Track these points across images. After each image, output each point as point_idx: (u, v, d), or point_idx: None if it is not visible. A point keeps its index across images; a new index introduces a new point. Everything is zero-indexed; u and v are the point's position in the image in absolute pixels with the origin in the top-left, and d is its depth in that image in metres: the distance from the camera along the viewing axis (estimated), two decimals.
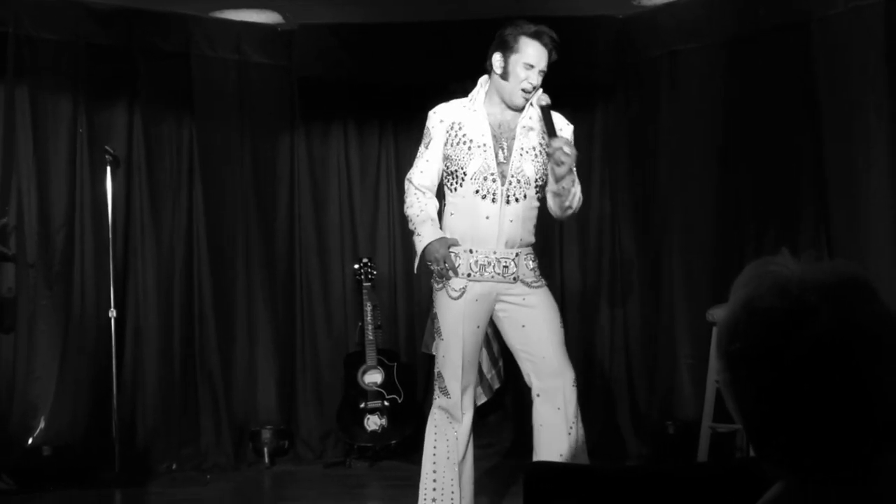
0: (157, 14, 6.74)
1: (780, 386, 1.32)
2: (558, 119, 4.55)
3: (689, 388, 6.59)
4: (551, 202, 4.60)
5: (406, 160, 7.56)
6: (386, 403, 6.92)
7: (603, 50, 7.02)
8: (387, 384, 6.97)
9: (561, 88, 4.67)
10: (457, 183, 4.49)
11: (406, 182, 4.67)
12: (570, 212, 4.62)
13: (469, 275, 4.47)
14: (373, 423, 6.86)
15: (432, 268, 4.47)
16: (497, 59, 4.50)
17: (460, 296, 4.46)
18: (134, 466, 6.43)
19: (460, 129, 4.51)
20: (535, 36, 4.47)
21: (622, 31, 7.01)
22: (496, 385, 6.86)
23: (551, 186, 4.51)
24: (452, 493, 4.50)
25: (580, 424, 4.55)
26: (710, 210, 6.63)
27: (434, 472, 4.52)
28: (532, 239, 4.61)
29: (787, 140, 6.23)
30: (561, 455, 4.44)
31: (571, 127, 4.68)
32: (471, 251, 4.47)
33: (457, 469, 4.51)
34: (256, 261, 7.17)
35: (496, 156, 4.46)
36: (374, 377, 6.96)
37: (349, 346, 7.29)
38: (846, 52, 5.89)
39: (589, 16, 6.90)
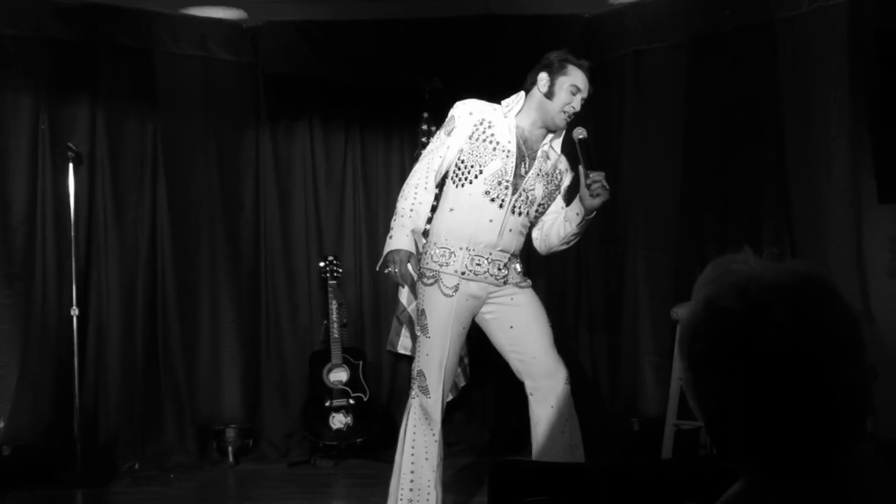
0: (119, 9, 6.67)
1: (741, 386, 1.33)
2: (562, 160, 4.69)
3: (654, 386, 6.63)
4: (555, 230, 4.66)
5: (372, 158, 7.58)
6: (351, 402, 6.90)
7: (569, 48, 7.01)
8: (352, 382, 6.95)
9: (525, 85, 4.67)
10: (467, 179, 4.49)
11: (418, 164, 4.65)
12: (563, 247, 4.74)
13: (463, 273, 4.48)
14: (338, 421, 6.84)
15: (388, 270, 4.50)
16: (543, 78, 4.53)
17: (453, 293, 4.47)
18: (96, 466, 6.37)
19: (489, 127, 4.51)
20: (582, 67, 4.55)
21: (588, 30, 7.01)
22: (462, 383, 6.85)
23: (570, 216, 4.56)
24: (429, 494, 4.48)
25: (575, 422, 4.58)
26: (674, 208, 6.66)
27: (412, 472, 4.49)
28: (519, 249, 4.67)
29: (750, 139, 6.27)
30: (557, 453, 4.48)
31: (571, 174, 4.77)
32: (468, 249, 4.48)
33: (435, 472, 4.50)
34: (221, 259, 7.13)
35: (517, 167, 4.49)
36: (339, 375, 6.94)
37: (314, 344, 7.26)
38: (810, 53, 5.93)
39: (555, 14, 6.91)
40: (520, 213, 4.54)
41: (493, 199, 4.46)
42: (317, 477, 6.60)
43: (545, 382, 4.51)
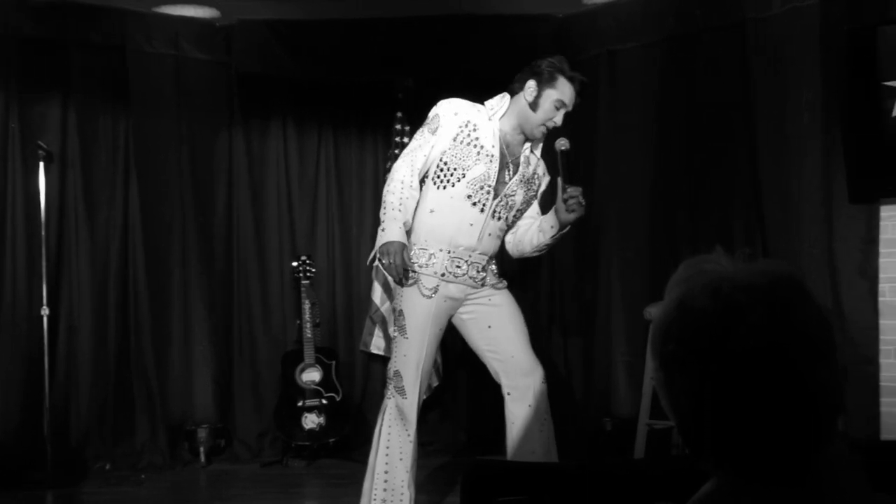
0: (92, 7, 6.64)
1: (713, 386, 1.33)
2: (540, 164, 4.69)
3: (626, 386, 6.64)
4: (528, 238, 4.67)
5: (345, 158, 7.57)
6: (324, 402, 6.88)
7: (542, 48, 7.02)
8: (325, 382, 6.94)
9: (499, 85, 4.66)
10: (449, 182, 4.47)
11: (401, 160, 4.56)
12: (535, 254, 4.77)
13: (443, 275, 4.48)
14: (310, 421, 6.83)
15: (382, 262, 4.43)
16: (531, 86, 4.50)
17: (432, 294, 4.46)
18: (67, 466, 6.32)
19: (474, 130, 4.49)
20: (571, 80, 4.51)
21: (561, 30, 7.02)
22: (435, 383, 6.84)
23: (544, 227, 4.57)
24: (402, 495, 4.47)
25: (551, 421, 4.59)
26: (647, 208, 6.68)
27: (386, 472, 4.47)
28: (495, 254, 4.68)
29: (723, 139, 6.30)
30: (533, 452, 4.48)
31: (548, 178, 4.78)
32: (448, 251, 4.48)
33: (409, 472, 4.49)
34: (193, 258, 7.10)
35: (500, 172, 4.48)
36: (312, 375, 6.93)
37: (287, 344, 7.25)
38: (782, 53, 5.97)
39: (529, 14, 6.92)
40: (499, 218, 4.55)
41: (474, 203, 4.46)
42: (289, 477, 6.59)
43: (522, 381, 4.51)
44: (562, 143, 4.45)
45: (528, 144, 4.60)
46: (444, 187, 4.47)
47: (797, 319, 1.32)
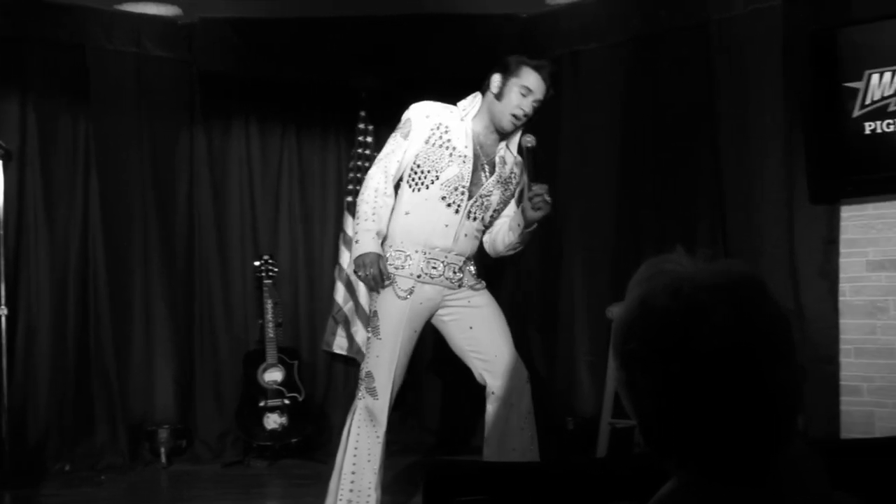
0: (52, 4, 6.57)
1: (674, 386, 1.33)
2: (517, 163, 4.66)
3: (589, 385, 6.66)
4: (500, 237, 4.69)
5: (308, 157, 7.54)
6: (286, 402, 6.86)
7: (506, 48, 7.03)
8: (287, 382, 6.91)
9: (463, 84, 4.66)
10: (423, 184, 4.46)
11: (374, 167, 4.54)
12: (510, 253, 4.76)
13: (419, 276, 4.47)
14: (272, 421, 6.80)
15: (359, 274, 4.44)
16: (496, 79, 4.51)
17: (407, 296, 4.45)
18: (25, 467, 6.25)
19: (446, 132, 4.48)
20: (537, 68, 4.50)
21: (526, 30, 7.03)
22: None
23: (513, 225, 4.59)
24: (369, 496, 4.45)
25: (532, 421, 4.60)
26: (611, 207, 6.70)
27: (353, 473, 4.45)
28: (473, 255, 4.67)
29: (687, 139, 6.33)
30: (515, 450, 4.50)
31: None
32: (423, 253, 4.48)
33: (377, 475, 4.47)
34: (154, 257, 7.04)
35: (474, 173, 4.48)
36: (274, 375, 6.90)
37: (249, 343, 7.22)
38: (745, 54, 6.01)
39: (493, 14, 6.92)
40: (475, 219, 4.54)
41: (449, 205, 4.46)
42: (251, 477, 6.56)
43: (508, 381, 4.52)
44: (528, 140, 4.46)
45: (503, 144, 4.60)
46: (419, 189, 4.47)
47: (759, 320, 1.33)
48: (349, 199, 7.07)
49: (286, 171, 7.50)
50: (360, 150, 7.19)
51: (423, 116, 4.51)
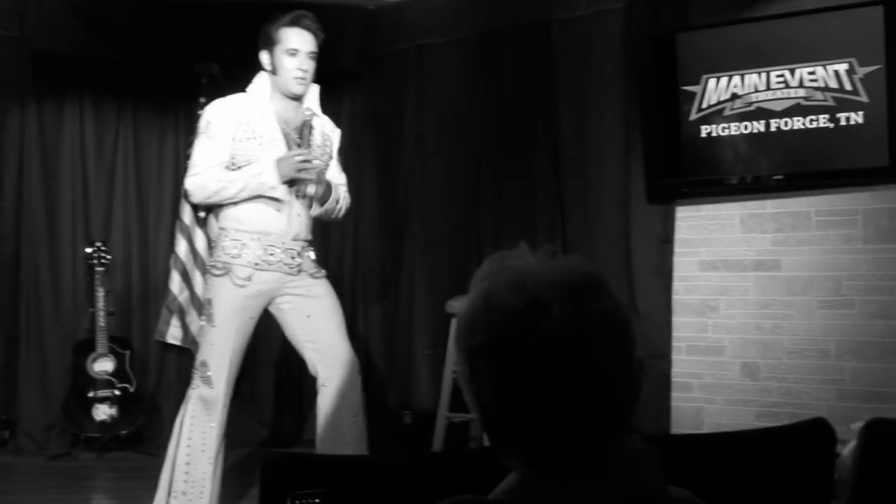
0: None
1: (515, 380, 1.36)
2: (325, 123, 4.71)
3: (426, 378, 6.68)
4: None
5: (145, 141, 7.34)
6: (116, 392, 6.70)
7: (352, 39, 7.01)
8: (118, 373, 6.75)
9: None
10: None
11: (190, 179, 4.49)
12: (330, 218, 4.81)
13: (257, 264, 4.44)
14: (102, 412, 6.63)
15: (301, 175, 4.43)
16: (265, 57, 4.54)
17: (245, 284, 4.40)
18: None
19: (248, 125, 4.46)
20: (294, 23, 4.53)
21: (372, 22, 7.01)
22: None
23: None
24: (203, 487, 4.39)
25: (363, 413, 4.61)
26: (452, 202, 6.74)
27: (188, 464, 4.38)
28: (310, 235, 4.67)
29: (529, 136, 6.41)
30: (346, 443, 4.49)
31: (339, 131, 4.84)
32: (260, 240, 4.44)
33: (212, 464, 4.40)
34: None
35: (288, 150, 4.46)
36: (104, 365, 6.73)
37: (79, 332, 6.99)
38: (586, 54, 6.13)
39: (340, 3, 6.86)
40: (303, 195, 4.53)
41: (274, 188, 4.42)
42: (78, 470, 6.37)
43: (339, 371, 4.53)
44: (310, 191, 4.53)
45: (307, 110, 4.58)
46: None
47: (599, 315, 1.36)
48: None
49: (121, 155, 7.29)
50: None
51: (221, 114, 4.50)
